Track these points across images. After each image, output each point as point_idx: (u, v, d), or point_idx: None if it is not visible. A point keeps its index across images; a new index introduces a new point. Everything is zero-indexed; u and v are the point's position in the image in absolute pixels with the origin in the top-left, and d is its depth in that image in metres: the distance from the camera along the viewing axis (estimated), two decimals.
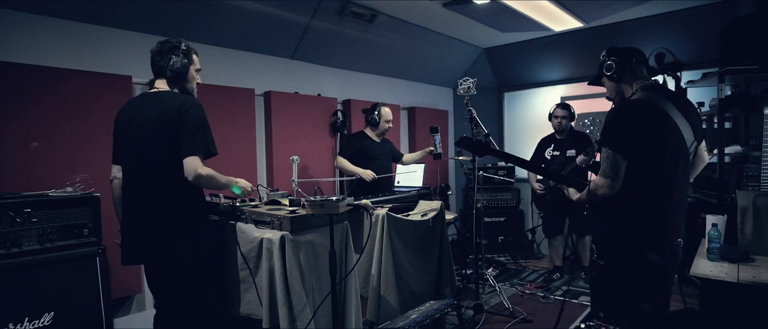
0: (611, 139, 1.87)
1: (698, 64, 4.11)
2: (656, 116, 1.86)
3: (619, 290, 1.97)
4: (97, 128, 2.82)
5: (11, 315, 2.10)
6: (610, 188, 1.85)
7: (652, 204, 1.88)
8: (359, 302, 2.41)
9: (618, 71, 2.01)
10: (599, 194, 1.89)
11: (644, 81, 1.99)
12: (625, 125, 1.87)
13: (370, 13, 3.96)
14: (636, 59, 2.00)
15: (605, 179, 1.86)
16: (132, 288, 3.02)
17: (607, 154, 1.85)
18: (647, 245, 1.90)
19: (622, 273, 1.95)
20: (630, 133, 1.84)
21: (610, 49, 2.08)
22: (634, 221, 1.91)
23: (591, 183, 1.93)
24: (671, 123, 1.87)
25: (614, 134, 1.88)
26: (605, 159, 1.86)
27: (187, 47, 2.16)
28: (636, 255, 1.91)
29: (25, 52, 2.65)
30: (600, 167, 1.91)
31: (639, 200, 1.87)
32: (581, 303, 3.77)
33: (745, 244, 2.36)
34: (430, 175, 5.03)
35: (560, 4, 3.86)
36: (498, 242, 5.20)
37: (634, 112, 1.90)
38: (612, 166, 1.84)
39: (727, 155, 3.33)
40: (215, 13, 3.28)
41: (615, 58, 2.02)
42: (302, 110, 4.11)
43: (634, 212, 1.90)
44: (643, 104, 1.90)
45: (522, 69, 5.59)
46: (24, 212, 2.20)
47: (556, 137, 4.39)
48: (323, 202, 2.03)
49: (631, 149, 1.83)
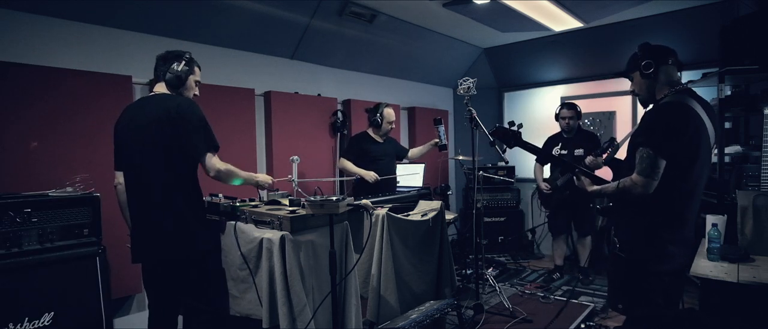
0: (652, 140, 1.90)
1: (698, 64, 4.11)
2: (693, 121, 1.92)
3: (641, 283, 2.02)
4: (97, 128, 2.82)
5: (11, 315, 2.10)
6: (648, 187, 1.89)
7: (681, 202, 1.96)
8: (359, 302, 2.41)
9: (656, 71, 2.03)
10: (635, 192, 1.93)
11: (677, 84, 2.03)
12: (667, 127, 1.91)
13: (370, 13, 3.96)
14: (672, 60, 2.03)
15: (644, 178, 1.89)
16: (132, 288, 3.03)
17: (647, 154, 1.89)
18: (670, 240, 1.97)
19: (645, 266, 2.00)
20: (671, 135, 1.88)
21: (645, 45, 2.08)
22: (662, 217, 1.97)
23: (627, 180, 1.96)
24: (703, 127, 1.93)
25: (655, 135, 1.91)
26: (645, 159, 1.90)
27: (190, 57, 2.28)
28: (659, 249, 1.97)
29: (25, 52, 2.65)
30: (636, 166, 1.93)
31: (668, 198, 1.93)
32: (581, 303, 3.77)
33: (745, 244, 2.36)
34: (430, 175, 5.04)
35: (560, 4, 3.86)
36: (498, 242, 5.20)
37: (675, 115, 1.93)
38: (652, 166, 1.88)
39: (727, 155, 3.34)
40: (215, 13, 3.28)
41: (654, 58, 2.03)
42: (302, 110, 4.11)
43: (662, 209, 1.96)
44: (682, 107, 1.94)
45: (522, 69, 5.59)
46: (24, 212, 2.20)
47: (564, 135, 4.37)
48: (323, 202, 2.04)
49: (671, 151, 1.87)
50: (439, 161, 5.67)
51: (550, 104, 5.54)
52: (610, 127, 5.05)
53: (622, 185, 1.97)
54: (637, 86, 2.13)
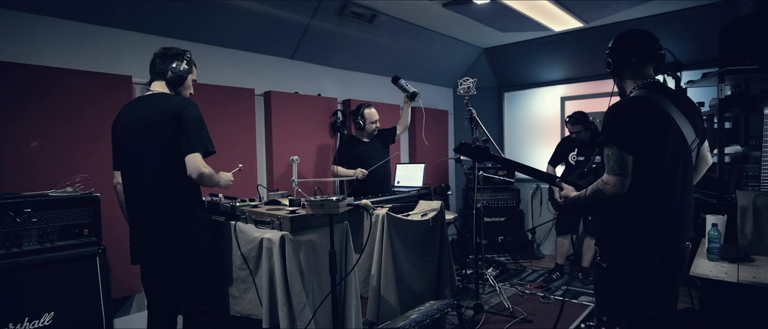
0: (613, 136, 1.86)
1: (698, 64, 4.11)
2: (653, 113, 1.86)
3: (622, 293, 1.95)
4: (97, 128, 2.82)
5: (11, 315, 2.10)
6: (620, 185, 1.83)
7: (653, 204, 1.87)
8: (359, 302, 2.41)
9: (616, 68, 2.00)
10: (607, 192, 1.86)
11: (645, 79, 1.95)
12: (623, 121, 1.87)
13: (370, 13, 3.96)
14: (636, 59, 1.95)
15: (614, 176, 1.84)
16: (132, 288, 3.02)
17: (612, 151, 1.84)
18: (650, 247, 1.88)
19: (625, 276, 1.92)
20: (629, 128, 1.84)
21: (616, 38, 2.02)
22: (637, 222, 1.89)
23: (598, 182, 1.91)
24: (669, 121, 1.85)
25: (615, 130, 1.87)
26: (610, 157, 1.85)
27: (190, 57, 2.28)
28: (639, 257, 1.89)
29: (25, 52, 2.65)
30: (605, 165, 1.89)
31: (640, 200, 1.86)
32: (581, 303, 3.77)
33: (745, 244, 2.36)
34: (430, 175, 5.04)
35: (560, 4, 3.86)
36: (498, 242, 5.20)
37: (629, 108, 1.90)
38: (619, 162, 1.83)
39: (727, 155, 3.33)
40: (215, 13, 3.28)
41: (615, 56, 1.99)
42: (302, 110, 4.11)
43: (636, 213, 1.89)
44: (637, 100, 1.90)
45: (522, 69, 5.59)
46: (24, 212, 2.20)
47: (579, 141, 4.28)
48: (323, 202, 2.04)
49: (633, 145, 1.82)
50: (439, 162, 5.67)
51: (550, 104, 5.54)
52: None
53: (596, 187, 1.92)
54: (616, 85, 2.09)
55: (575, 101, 5.32)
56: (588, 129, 4.20)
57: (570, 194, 2.12)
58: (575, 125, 4.19)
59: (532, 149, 5.75)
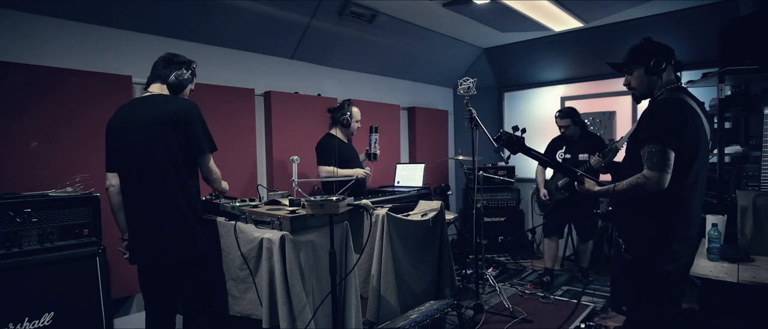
0: (658, 133, 1.91)
1: (698, 64, 4.11)
2: (692, 114, 1.95)
3: (649, 283, 2.03)
4: (97, 128, 2.81)
5: (11, 315, 2.10)
6: (662, 181, 1.89)
7: (684, 199, 1.97)
8: (359, 302, 2.41)
9: (661, 68, 2.04)
10: (648, 188, 1.92)
11: (673, 82, 2.06)
12: (670, 121, 1.92)
13: (370, 13, 3.96)
14: (674, 61, 2.06)
15: (657, 172, 1.89)
16: (132, 288, 3.02)
17: (656, 148, 1.90)
18: (676, 238, 1.98)
19: (654, 267, 2.00)
20: (675, 129, 1.91)
21: (650, 40, 2.09)
22: (667, 216, 1.98)
23: (639, 176, 1.96)
24: (700, 123, 1.97)
25: (660, 127, 1.92)
26: (654, 153, 1.90)
27: (195, 68, 2.34)
28: (665, 248, 1.99)
29: (25, 52, 2.65)
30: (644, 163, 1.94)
31: (672, 194, 1.94)
32: (581, 303, 3.77)
33: (745, 244, 2.36)
34: (430, 175, 5.04)
35: (560, 4, 3.86)
36: (498, 242, 5.19)
37: (676, 110, 1.95)
38: (663, 159, 1.89)
39: (727, 155, 3.33)
40: (215, 13, 3.28)
41: (665, 56, 2.04)
42: (302, 110, 4.11)
43: (667, 207, 1.97)
44: (680, 103, 1.97)
45: (522, 69, 5.59)
46: (24, 212, 2.20)
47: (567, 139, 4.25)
48: (323, 202, 2.04)
49: (677, 144, 1.89)
50: (439, 161, 5.67)
51: (550, 104, 5.54)
52: (610, 127, 5.05)
53: (635, 182, 1.96)
54: (637, 80, 2.11)
55: (575, 101, 5.32)
56: (577, 124, 4.14)
57: (593, 189, 2.19)
58: (564, 119, 4.13)
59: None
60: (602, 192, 2.16)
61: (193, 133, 2.13)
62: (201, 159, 2.21)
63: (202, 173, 2.27)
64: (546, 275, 4.29)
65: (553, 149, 4.32)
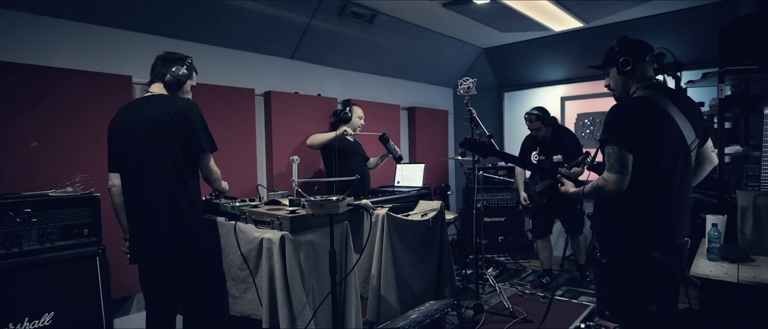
0: (614, 135, 1.90)
1: (698, 64, 4.10)
2: (654, 114, 1.90)
3: (624, 288, 1.99)
4: (97, 128, 2.81)
5: (11, 315, 2.10)
6: (620, 183, 1.87)
7: (652, 201, 1.92)
8: (359, 302, 2.41)
9: (632, 68, 2.02)
10: (607, 190, 1.91)
11: (648, 80, 2.01)
12: (626, 120, 1.91)
13: (370, 13, 3.96)
14: (649, 57, 2.02)
15: (614, 174, 1.88)
16: (132, 288, 3.02)
17: (613, 150, 1.89)
18: (650, 243, 1.93)
19: (626, 271, 1.97)
20: (630, 128, 1.88)
21: (623, 40, 2.06)
22: (636, 218, 1.94)
23: (598, 179, 1.95)
24: (669, 121, 1.90)
25: (616, 129, 1.91)
26: (611, 155, 1.89)
27: (191, 63, 2.32)
28: (639, 252, 1.94)
29: (25, 52, 2.65)
30: (605, 165, 1.93)
31: (639, 197, 1.90)
32: (581, 303, 3.77)
33: (745, 244, 2.37)
34: (430, 175, 5.04)
35: (560, 4, 3.86)
36: (498, 242, 5.20)
37: (632, 109, 1.94)
38: (619, 160, 1.87)
39: (727, 155, 3.33)
40: (215, 13, 3.28)
41: (632, 54, 2.01)
42: (302, 110, 4.11)
43: (635, 210, 1.93)
44: (641, 101, 1.94)
45: (522, 69, 5.59)
46: (24, 212, 2.20)
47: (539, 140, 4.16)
48: (323, 202, 2.04)
49: (634, 144, 1.87)
50: (439, 162, 5.67)
51: (550, 104, 5.52)
52: None
53: (596, 185, 1.97)
54: (612, 81, 2.11)
55: (575, 100, 5.33)
56: (548, 125, 4.04)
57: (570, 190, 2.19)
58: (534, 123, 4.02)
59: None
60: (574, 194, 2.15)
61: (193, 133, 2.14)
62: (201, 159, 2.21)
63: (202, 173, 2.27)
64: (545, 275, 4.28)
65: (528, 150, 4.22)
